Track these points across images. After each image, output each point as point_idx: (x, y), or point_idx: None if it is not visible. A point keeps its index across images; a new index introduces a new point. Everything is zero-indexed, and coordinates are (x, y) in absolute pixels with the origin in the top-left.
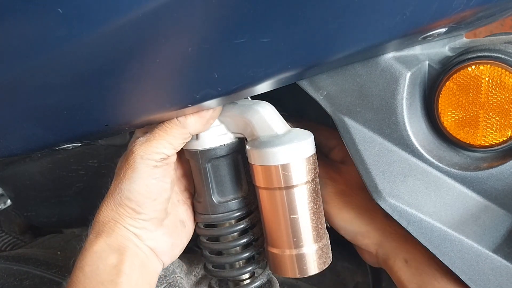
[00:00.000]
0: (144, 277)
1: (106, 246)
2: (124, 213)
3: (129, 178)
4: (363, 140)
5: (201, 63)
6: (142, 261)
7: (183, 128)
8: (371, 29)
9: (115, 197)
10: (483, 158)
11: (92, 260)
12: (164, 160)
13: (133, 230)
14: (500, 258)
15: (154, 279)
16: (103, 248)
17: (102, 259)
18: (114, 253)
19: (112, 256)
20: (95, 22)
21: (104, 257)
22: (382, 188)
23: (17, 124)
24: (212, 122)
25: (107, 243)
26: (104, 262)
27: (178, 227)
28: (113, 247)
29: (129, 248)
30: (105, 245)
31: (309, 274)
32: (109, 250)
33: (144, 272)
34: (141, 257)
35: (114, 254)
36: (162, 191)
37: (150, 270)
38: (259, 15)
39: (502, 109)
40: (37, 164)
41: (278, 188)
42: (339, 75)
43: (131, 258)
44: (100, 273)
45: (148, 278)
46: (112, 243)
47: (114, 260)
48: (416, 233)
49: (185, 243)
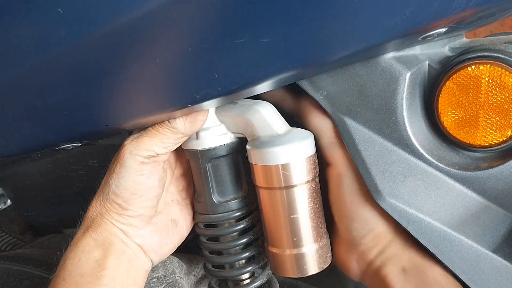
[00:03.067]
0: (130, 273)
1: (92, 241)
2: (111, 208)
3: (117, 173)
4: (363, 140)
5: (201, 63)
6: (128, 257)
7: (173, 128)
8: (371, 29)
9: (104, 191)
10: (483, 158)
11: (75, 254)
12: (152, 158)
13: (120, 226)
14: (500, 258)
15: (141, 275)
16: (88, 243)
17: (85, 252)
18: (99, 247)
19: (96, 250)
20: (95, 22)
21: (87, 251)
22: (382, 188)
23: (17, 124)
24: (202, 120)
25: (93, 237)
26: (87, 255)
27: (168, 226)
28: (98, 241)
29: (115, 243)
30: (90, 239)
31: (309, 273)
32: (94, 245)
33: (130, 268)
34: (127, 253)
35: (98, 249)
36: (149, 188)
37: (137, 266)
38: (259, 15)
39: (502, 109)
40: (37, 164)
41: (278, 187)
42: (339, 75)
43: (116, 253)
44: (81, 265)
45: (134, 274)
46: (97, 237)
47: (97, 255)
48: (416, 233)
49: (177, 243)
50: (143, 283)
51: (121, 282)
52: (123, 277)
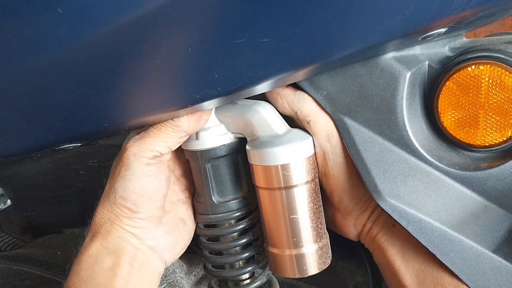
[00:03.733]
0: (144, 279)
1: (102, 249)
2: (120, 213)
3: (123, 176)
4: (363, 140)
5: (201, 63)
6: (141, 262)
7: (177, 127)
8: (371, 29)
9: (110, 197)
10: (483, 158)
11: (88, 264)
12: (157, 158)
13: (131, 230)
14: (500, 258)
15: (155, 279)
16: (99, 251)
17: (98, 262)
18: (110, 255)
19: (108, 258)
20: (95, 22)
21: (100, 260)
22: (382, 188)
23: (17, 124)
24: (206, 119)
25: (103, 245)
26: (100, 266)
27: (178, 225)
28: (109, 249)
29: (126, 249)
30: (101, 247)
31: (308, 274)
32: (105, 253)
33: (143, 274)
34: (140, 258)
35: (110, 257)
36: (157, 188)
37: (150, 271)
38: (259, 15)
39: (502, 109)
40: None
41: (278, 188)
42: (339, 75)
43: (128, 260)
44: (96, 277)
45: (148, 279)
46: (108, 245)
47: (110, 263)
48: (416, 233)
49: (187, 241)
50: (156, 286)
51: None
52: (136, 283)
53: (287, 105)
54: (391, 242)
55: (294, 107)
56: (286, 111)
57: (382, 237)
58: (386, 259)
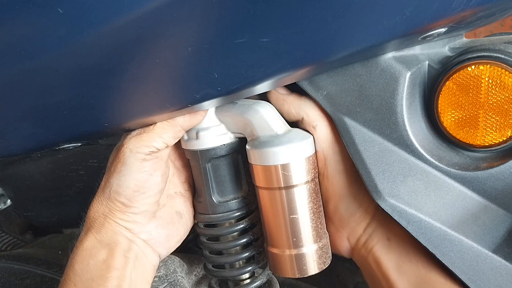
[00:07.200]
0: (137, 270)
1: (96, 242)
2: (113, 207)
3: (118, 171)
4: (363, 140)
5: (201, 63)
6: (135, 255)
7: (173, 122)
8: (371, 29)
9: (105, 191)
10: (483, 158)
11: (82, 258)
12: (154, 154)
13: (124, 224)
14: (500, 258)
15: (149, 271)
16: (93, 244)
17: (92, 255)
18: (104, 248)
19: (102, 251)
20: (95, 22)
21: (94, 254)
22: (382, 188)
23: (17, 124)
24: (202, 115)
25: (97, 238)
26: (94, 259)
27: (174, 218)
28: (103, 242)
29: (120, 242)
30: (95, 241)
31: (308, 274)
32: (99, 246)
33: (138, 266)
34: (134, 251)
35: (104, 250)
36: (152, 184)
37: (145, 263)
38: (259, 15)
39: (502, 109)
40: (37, 164)
41: (278, 188)
42: (339, 75)
43: (122, 252)
44: (90, 269)
45: (143, 271)
46: (102, 238)
47: (104, 255)
48: (416, 233)
49: (183, 235)
50: (151, 279)
51: (130, 280)
52: (131, 274)
53: (293, 110)
54: (387, 256)
55: (301, 112)
56: (291, 116)
57: (378, 251)
58: (382, 273)
